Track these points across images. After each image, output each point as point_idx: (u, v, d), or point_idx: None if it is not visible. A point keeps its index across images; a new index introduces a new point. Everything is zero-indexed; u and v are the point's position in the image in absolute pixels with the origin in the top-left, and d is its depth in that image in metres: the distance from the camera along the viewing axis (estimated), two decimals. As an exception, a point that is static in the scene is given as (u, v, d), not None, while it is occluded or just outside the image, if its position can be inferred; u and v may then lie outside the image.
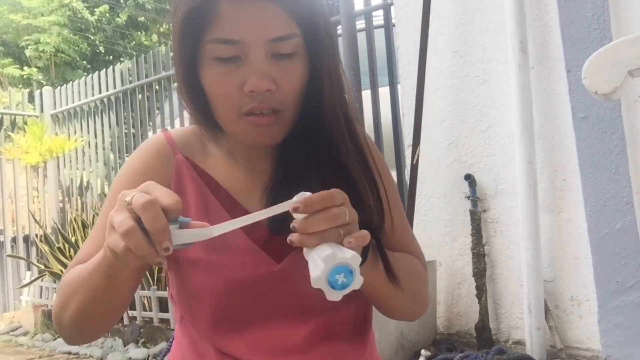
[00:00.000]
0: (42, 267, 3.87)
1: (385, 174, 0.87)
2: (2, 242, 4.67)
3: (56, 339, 3.43)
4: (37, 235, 4.35)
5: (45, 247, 3.79)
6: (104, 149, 4.65)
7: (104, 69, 4.58)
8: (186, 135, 0.87)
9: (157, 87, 4.28)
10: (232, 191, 0.82)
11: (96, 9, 12.87)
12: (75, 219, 3.73)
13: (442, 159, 2.34)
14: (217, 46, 0.73)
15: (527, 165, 2.00)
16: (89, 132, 4.73)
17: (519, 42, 2.01)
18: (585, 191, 1.72)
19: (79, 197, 4.70)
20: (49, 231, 4.20)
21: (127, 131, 4.58)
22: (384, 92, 2.73)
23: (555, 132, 2.03)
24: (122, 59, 11.19)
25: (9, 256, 4.58)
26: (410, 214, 2.29)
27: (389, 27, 2.71)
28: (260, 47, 0.73)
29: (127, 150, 4.59)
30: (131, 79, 4.38)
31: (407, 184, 2.37)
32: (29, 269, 4.49)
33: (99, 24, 12.94)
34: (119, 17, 13.11)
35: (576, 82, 1.68)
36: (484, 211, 2.21)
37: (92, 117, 4.72)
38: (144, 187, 0.62)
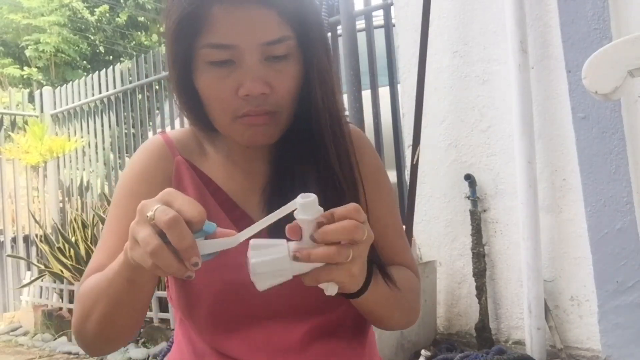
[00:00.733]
0: (42, 267, 3.87)
1: (382, 182, 0.87)
2: (2, 242, 4.67)
3: (56, 339, 3.43)
4: (37, 235, 4.35)
5: (45, 247, 3.79)
6: (104, 149, 4.65)
7: (104, 69, 4.58)
8: (184, 136, 0.87)
9: (157, 87, 4.28)
10: (231, 193, 0.83)
11: (96, 9, 12.87)
12: (75, 219, 3.73)
13: (442, 159, 2.34)
14: (210, 51, 0.73)
15: (527, 165, 2.00)
16: (89, 132, 4.73)
17: (519, 42, 2.01)
18: (585, 191, 1.73)
19: (79, 197, 4.70)
20: (49, 231, 4.21)
21: (127, 131, 4.58)
22: (384, 92, 2.73)
23: (555, 132, 2.03)
24: (122, 59, 11.19)
25: (9, 256, 4.58)
26: (410, 214, 2.29)
27: (389, 27, 2.71)
28: (253, 51, 0.73)
29: (127, 150, 4.59)
30: (131, 79, 4.38)
31: (407, 184, 2.37)
32: (29, 269, 4.49)
33: (99, 24, 12.94)
34: (119, 17, 13.11)
35: (576, 82, 1.68)
36: (484, 211, 2.21)
37: (92, 117, 4.72)
38: (164, 197, 0.60)
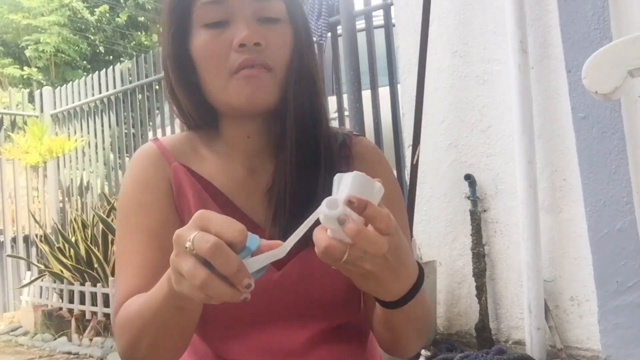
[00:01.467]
0: (42, 267, 3.87)
1: (396, 198, 0.85)
2: (2, 242, 4.67)
3: (56, 339, 3.43)
4: (37, 235, 4.35)
5: (45, 247, 3.79)
6: (104, 149, 4.65)
7: (104, 69, 4.58)
8: (178, 142, 0.86)
9: (157, 87, 4.28)
10: (231, 194, 0.81)
11: (96, 9, 12.87)
12: (75, 219, 3.73)
13: (442, 159, 2.34)
14: (205, 9, 0.77)
15: (527, 165, 2.00)
16: (89, 132, 4.73)
17: (519, 42, 2.01)
18: (585, 191, 1.72)
19: (79, 197, 4.70)
20: (49, 231, 4.20)
21: (127, 131, 4.58)
22: (384, 92, 2.73)
23: (555, 132, 2.03)
24: (122, 59, 11.19)
25: (9, 256, 4.58)
26: (410, 214, 2.29)
27: (389, 27, 2.71)
28: (246, 6, 0.77)
29: (127, 150, 4.59)
30: (131, 79, 4.38)
31: (407, 184, 2.37)
32: (29, 269, 4.49)
33: (99, 24, 12.94)
34: (119, 17, 13.11)
35: (576, 82, 1.68)
36: (484, 211, 2.21)
37: (92, 117, 4.72)
38: (199, 221, 0.55)
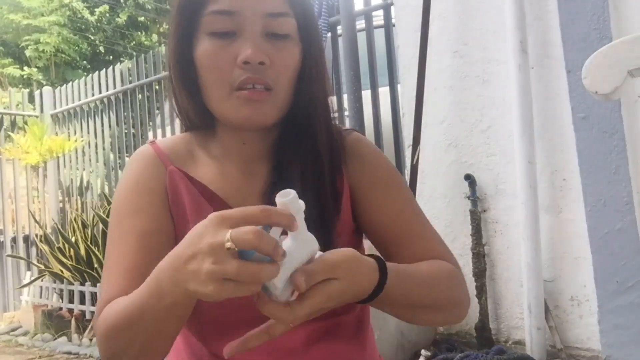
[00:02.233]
0: (42, 267, 3.86)
1: (393, 180, 0.86)
2: (2, 242, 4.67)
3: (56, 339, 3.43)
4: (37, 235, 4.35)
5: (45, 247, 3.79)
6: (104, 149, 4.65)
7: (104, 69, 4.58)
8: (174, 145, 0.86)
9: (157, 87, 4.28)
10: (227, 198, 0.81)
11: (96, 9, 12.86)
12: (75, 219, 3.73)
13: (442, 159, 2.34)
14: (214, 18, 0.76)
15: (527, 165, 2.00)
16: (89, 132, 4.73)
17: (519, 42, 2.01)
18: (585, 191, 1.73)
19: (79, 197, 4.70)
20: (49, 231, 4.20)
21: (127, 131, 4.57)
22: (384, 92, 2.73)
23: (555, 132, 2.03)
24: (122, 59, 11.18)
25: (9, 256, 4.58)
26: (410, 214, 2.29)
27: (389, 27, 2.71)
28: (256, 21, 0.75)
29: (127, 150, 4.59)
30: (131, 79, 4.38)
31: (407, 184, 2.37)
32: (29, 269, 4.49)
33: (99, 24, 12.93)
34: (119, 17, 13.10)
35: (576, 82, 1.68)
36: (484, 211, 2.21)
37: (92, 117, 4.72)
38: (220, 222, 0.56)
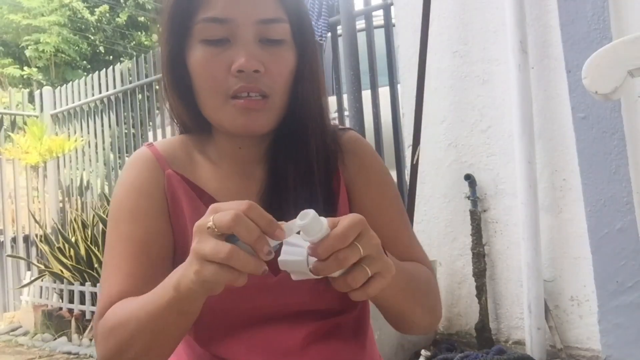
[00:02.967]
0: (42, 267, 3.86)
1: (388, 184, 0.86)
2: (2, 242, 4.67)
3: (56, 339, 3.43)
4: (37, 235, 4.35)
5: (45, 247, 3.79)
6: (104, 149, 4.65)
7: (104, 69, 4.58)
8: (172, 147, 0.85)
9: (157, 87, 4.28)
10: (224, 201, 0.81)
11: (96, 9, 12.87)
12: (75, 219, 3.73)
13: (442, 159, 2.34)
14: (206, 26, 0.74)
15: (527, 165, 2.00)
16: (89, 132, 4.73)
17: (519, 42, 2.01)
18: (585, 191, 1.72)
19: (79, 197, 4.70)
20: (49, 231, 4.20)
21: (127, 131, 4.57)
22: (384, 92, 2.73)
23: (555, 132, 2.03)
24: (122, 59, 11.19)
25: (9, 256, 4.58)
26: (410, 214, 2.29)
27: (389, 27, 2.70)
28: (249, 27, 0.74)
29: (127, 150, 4.59)
30: (131, 79, 4.38)
31: (407, 184, 2.37)
32: (29, 269, 4.49)
33: (99, 24, 12.94)
34: (119, 17, 13.11)
35: (576, 82, 1.68)
36: (484, 211, 2.21)
37: (92, 117, 4.72)
38: (212, 211, 0.59)
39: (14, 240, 4.71)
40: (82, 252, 3.51)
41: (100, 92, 4.60)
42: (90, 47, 12.83)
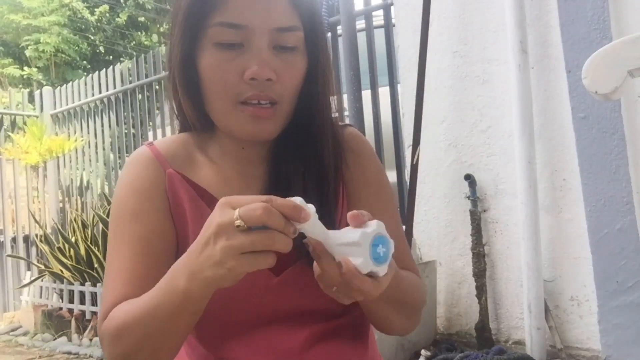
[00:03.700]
0: (42, 267, 3.87)
1: (385, 186, 0.87)
2: (2, 242, 4.67)
3: (56, 339, 3.43)
4: (37, 235, 4.35)
5: (45, 247, 3.79)
6: (104, 149, 4.65)
7: (104, 69, 4.58)
8: (172, 146, 0.85)
9: (157, 87, 4.28)
10: None
11: (96, 9, 12.86)
12: (75, 219, 3.73)
13: (442, 159, 2.34)
14: (221, 30, 0.74)
15: (527, 165, 2.00)
16: (89, 132, 4.73)
17: (519, 42, 2.01)
18: (585, 191, 1.72)
19: (79, 197, 4.70)
20: (49, 231, 4.20)
21: (127, 131, 4.57)
22: (384, 92, 2.73)
23: (555, 132, 2.03)
24: (122, 59, 11.18)
25: (9, 256, 4.58)
26: (410, 214, 2.29)
27: (389, 27, 2.70)
28: (264, 35, 0.74)
29: (127, 150, 4.58)
30: (131, 79, 4.38)
31: (407, 184, 2.37)
32: (29, 269, 4.49)
33: (99, 24, 12.93)
34: (119, 17, 13.10)
35: (576, 82, 1.68)
36: (484, 211, 2.21)
37: (92, 117, 4.72)
38: (229, 205, 0.60)
39: (14, 240, 4.71)
40: (82, 252, 3.51)
41: (100, 92, 4.60)
42: (90, 47, 12.82)
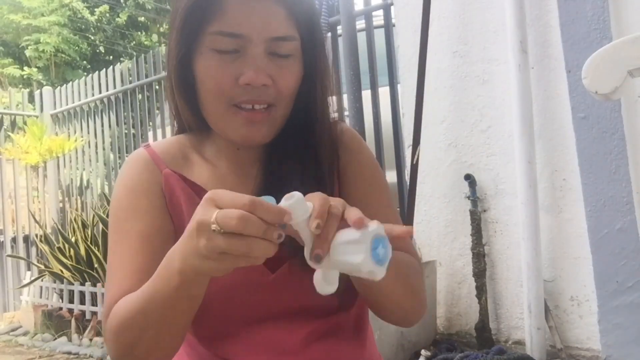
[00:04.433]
0: (42, 267, 3.86)
1: (378, 178, 0.88)
2: (2, 242, 4.67)
3: (56, 339, 3.43)
4: (37, 235, 4.35)
5: (45, 247, 3.79)
6: (104, 149, 4.65)
7: (104, 69, 4.58)
8: (168, 147, 0.86)
9: (157, 87, 4.28)
10: None
11: (96, 9, 12.87)
12: (75, 219, 3.73)
13: (442, 159, 2.34)
14: (218, 38, 0.75)
15: (527, 165, 2.00)
16: (89, 132, 4.73)
17: (519, 42, 2.01)
18: (585, 191, 1.72)
19: (79, 197, 4.70)
20: (49, 231, 4.20)
21: (127, 131, 4.58)
22: (384, 92, 2.73)
23: (555, 132, 2.03)
24: (122, 59, 11.19)
25: (9, 256, 4.58)
26: (410, 214, 2.29)
27: (389, 27, 2.71)
28: (260, 43, 0.75)
29: (127, 150, 4.59)
30: (131, 79, 4.38)
31: (407, 184, 2.37)
32: (29, 269, 4.49)
33: (99, 24, 12.94)
34: (119, 17, 13.11)
35: (576, 82, 1.68)
36: (484, 211, 2.21)
37: (92, 117, 4.72)
38: (211, 201, 0.58)
39: (14, 240, 4.71)
40: (82, 252, 3.51)
41: (100, 92, 4.61)
42: (90, 47, 12.83)
